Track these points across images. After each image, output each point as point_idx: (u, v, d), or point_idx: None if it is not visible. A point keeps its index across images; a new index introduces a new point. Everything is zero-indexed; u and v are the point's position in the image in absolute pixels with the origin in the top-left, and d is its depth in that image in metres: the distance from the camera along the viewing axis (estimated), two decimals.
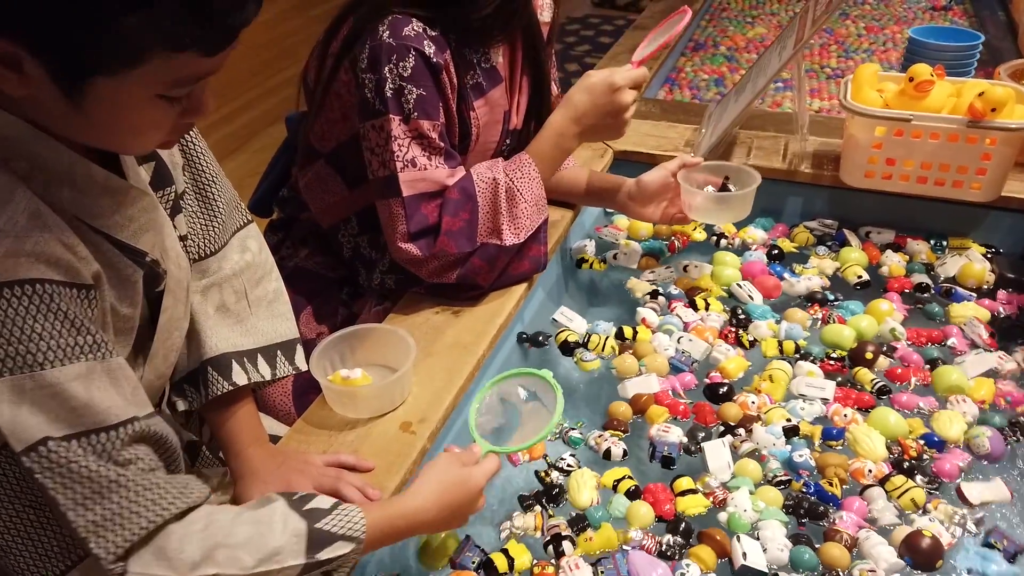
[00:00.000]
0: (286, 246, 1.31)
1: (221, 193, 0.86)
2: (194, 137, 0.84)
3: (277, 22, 3.37)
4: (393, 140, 1.01)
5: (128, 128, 0.60)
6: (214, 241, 0.85)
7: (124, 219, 0.67)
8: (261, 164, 2.24)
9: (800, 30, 1.31)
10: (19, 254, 0.56)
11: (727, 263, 1.26)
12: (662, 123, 1.61)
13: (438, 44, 1.03)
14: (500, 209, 1.07)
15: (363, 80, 1.02)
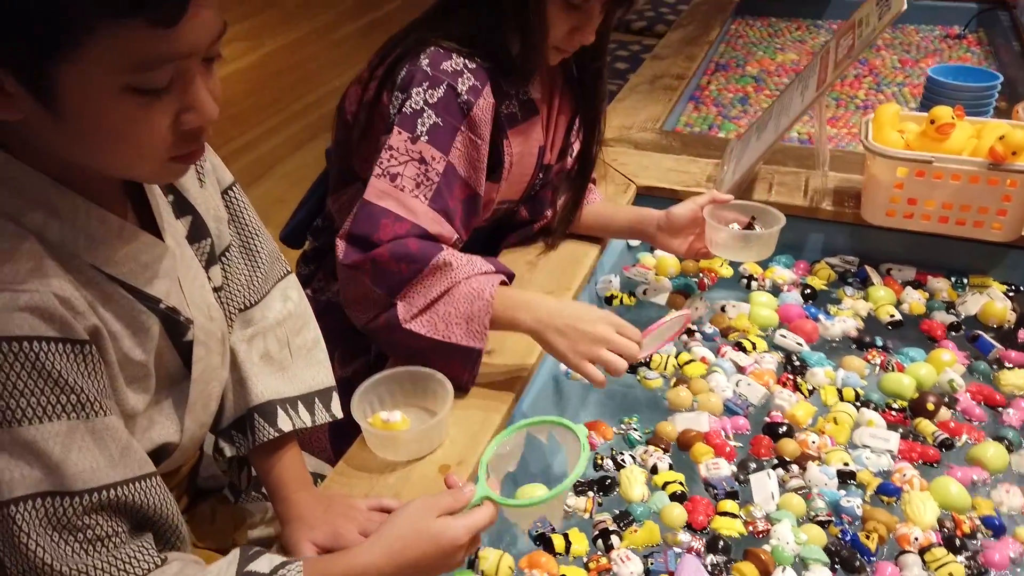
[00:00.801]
0: (318, 278, 1.35)
1: (263, 246, 0.89)
2: (238, 194, 0.87)
3: (297, 47, 3.42)
4: (388, 151, 1.03)
5: (113, 134, 0.58)
6: (257, 292, 0.88)
7: (139, 266, 0.68)
8: (286, 191, 2.30)
9: (822, 71, 1.34)
10: (13, 309, 0.58)
11: (763, 303, 1.28)
12: (683, 157, 1.63)
13: (477, 76, 1.06)
14: (428, 293, 1.00)
15: (393, 98, 1.05)
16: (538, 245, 1.35)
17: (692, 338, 1.23)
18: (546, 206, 1.34)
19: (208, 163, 0.83)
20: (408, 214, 1.01)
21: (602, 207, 1.36)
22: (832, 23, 2.70)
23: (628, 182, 1.55)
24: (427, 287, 1.00)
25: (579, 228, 1.35)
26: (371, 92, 1.12)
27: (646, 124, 1.81)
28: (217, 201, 0.83)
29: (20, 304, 0.58)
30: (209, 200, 0.82)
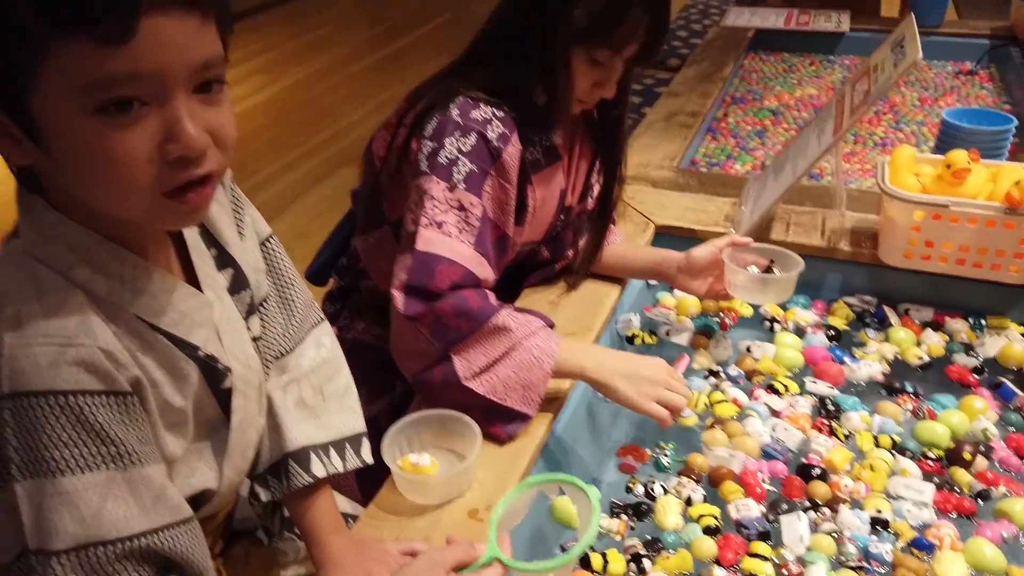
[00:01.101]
0: (343, 317, 1.37)
1: (298, 295, 0.92)
2: (275, 245, 0.90)
3: (314, 81, 3.49)
4: (430, 200, 1.05)
5: (93, 161, 0.58)
6: (292, 339, 0.91)
7: (178, 315, 0.71)
8: (306, 225, 2.34)
9: (838, 116, 1.36)
10: (60, 363, 0.60)
11: (788, 345, 1.29)
12: (701, 196, 1.66)
13: (505, 124, 1.09)
14: (489, 352, 1.02)
15: (422, 145, 1.08)
16: (559, 285, 1.37)
17: (719, 378, 1.25)
18: (567, 247, 1.37)
19: (248, 216, 0.86)
20: (459, 258, 1.03)
21: (622, 248, 1.38)
22: (844, 58, 2.73)
23: (647, 221, 1.57)
24: (486, 347, 1.02)
25: (600, 268, 1.37)
26: (400, 139, 1.16)
27: (663, 162, 1.84)
28: (256, 253, 0.86)
29: (68, 359, 0.61)
30: (248, 253, 0.84)
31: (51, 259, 0.64)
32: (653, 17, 1.07)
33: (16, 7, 0.53)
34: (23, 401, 0.60)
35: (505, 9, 1.12)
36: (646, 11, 1.05)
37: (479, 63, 1.14)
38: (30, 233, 0.65)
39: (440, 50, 3.78)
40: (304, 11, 4.57)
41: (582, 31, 1.06)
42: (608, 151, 1.29)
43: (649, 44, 1.09)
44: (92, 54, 0.54)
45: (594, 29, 1.05)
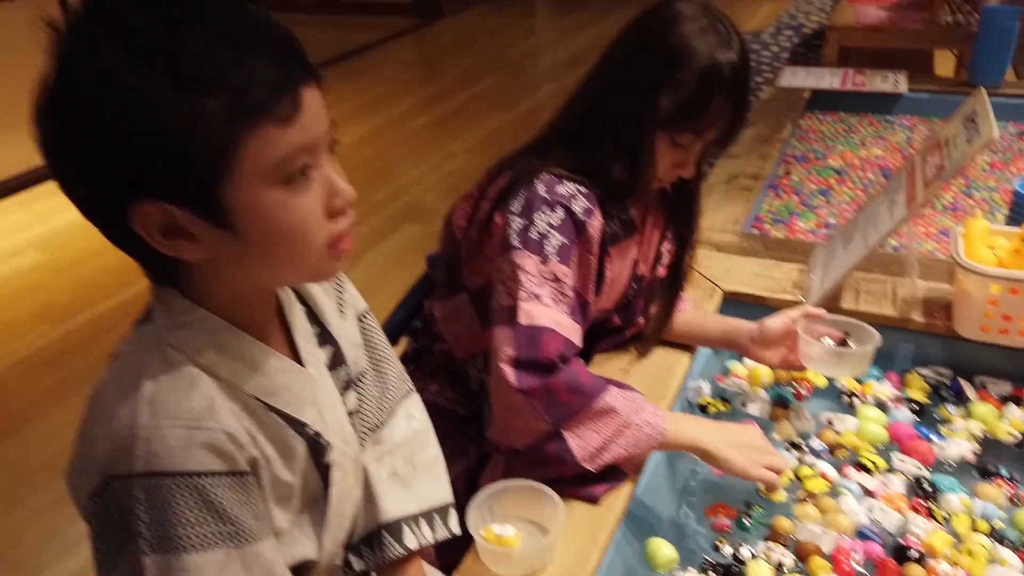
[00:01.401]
0: (416, 378, 1.39)
1: (391, 368, 0.96)
2: (371, 320, 0.94)
3: (373, 139, 3.60)
4: (525, 274, 1.09)
5: (281, 232, 0.65)
6: (386, 412, 0.94)
7: (291, 395, 0.75)
8: (371, 282, 2.40)
9: (910, 187, 1.37)
10: (190, 446, 0.64)
11: (872, 419, 1.28)
12: (767, 261, 1.67)
13: (589, 199, 1.14)
14: (602, 429, 1.05)
15: (511, 220, 1.12)
16: (630, 352, 1.38)
17: (802, 451, 1.24)
18: (638, 314, 1.39)
19: (348, 294, 0.90)
20: (560, 328, 1.06)
21: (693, 316, 1.40)
22: (904, 118, 2.74)
23: (713, 287, 1.58)
24: (598, 425, 1.05)
25: (670, 336, 1.39)
26: (482, 212, 1.20)
27: (726, 225, 1.86)
28: (354, 328, 0.90)
29: (196, 441, 0.65)
30: (348, 329, 0.88)
31: (182, 344, 0.68)
32: (736, 104, 1.10)
33: (207, 116, 0.58)
34: (155, 480, 0.64)
35: (589, 92, 1.17)
36: (730, 98, 1.09)
37: (561, 142, 1.18)
38: (163, 320, 0.69)
39: (493, 108, 3.88)
40: (361, 70, 4.73)
41: (668, 117, 1.10)
42: (680, 222, 1.32)
43: (731, 128, 1.13)
44: (274, 135, 0.61)
45: (680, 116, 1.09)
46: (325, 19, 5.97)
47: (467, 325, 1.28)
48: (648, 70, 1.10)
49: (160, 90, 0.57)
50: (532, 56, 4.91)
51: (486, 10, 6.24)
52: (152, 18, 0.58)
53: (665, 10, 1.12)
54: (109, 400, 0.67)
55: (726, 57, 1.09)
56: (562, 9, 6.30)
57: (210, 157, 0.60)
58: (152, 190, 0.61)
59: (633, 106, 1.10)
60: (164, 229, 0.63)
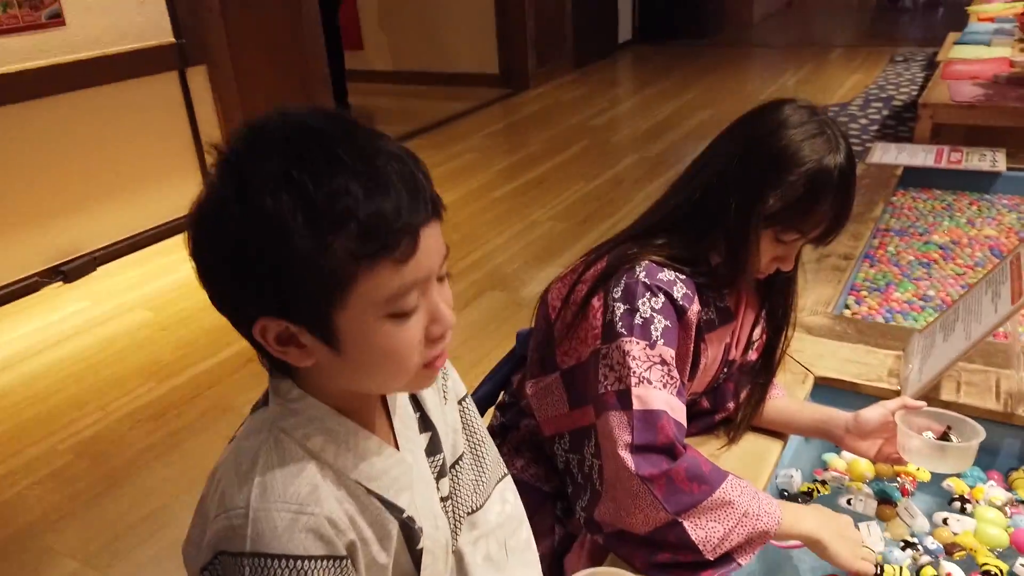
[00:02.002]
0: (503, 452, 1.41)
1: (488, 452, 0.98)
2: (469, 404, 0.97)
3: (460, 206, 3.71)
4: (634, 359, 1.10)
5: (383, 354, 0.70)
6: (482, 495, 0.96)
7: (389, 480, 0.78)
8: (457, 348, 2.45)
9: (1015, 281, 1.33)
10: (294, 530, 0.68)
11: (991, 521, 1.22)
12: (860, 347, 1.63)
13: (688, 286, 1.16)
14: (722, 520, 1.05)
15: (614, 307, 1.14)
16: (719, 437, 1.37)
17: (918, 551, 1.19)
18: (728, 398, 1.38)
19: (450, 380, 0.94)
20: (672, 411, 1.08)
21: (785, 404, 1.38)
22: (1002, 197, 2.66)
23: (806, 372, 1.56)
24: (719, 516, 1.05)
25: (761, 422, 1.37)
26: (579, 294, 1.23)
27: (816, 307, 1.83)
28: (455, 415, 0.93)
29: (300, 526, 0.69)
30: (448, 415, 0.92)
31: (292, 429, 0.74)
32: (842, 205, 1.12)
33: (332, 250, 0.64)
34: (261, 560, 0.68)
35: (694, 184, 1.20)
36: (835, 201, 1.11)
37: (662, 231, 1.21)
38: (276, 407, 0.75)
39: (575, 177, 3.95)
40: (449, 138, 4.90)
41: (774, 216, 1.12)
42: (775, 308, 1.32)
43: (833, 227, 1.14)
44: (389, 272, 0.66)
45: (786, 216, 1.12)
46: (415, 88, 6.24)
47: (556, 404, 1.30)
48: (758, 170, 1.13)
49: (294, 223, 0.63)
50: (614, 126, 5.00)
51: (571, 80, 6.40)
52: (294, 159, 0.64)
53: (775, 112, 1.15)
54: (225, 480, 0.72)
55: (835, 161, 1.11)
56: (645, 80, 6.41)
57: (329, 286, 0.66)
58: (274, 308, 0.67)
59: (740, 203, 1.13)
60: (279, 338, 0.69)
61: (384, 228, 0.64)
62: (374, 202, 0.64)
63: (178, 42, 3.33)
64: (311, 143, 0.66)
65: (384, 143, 0.68)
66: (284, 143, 0.66)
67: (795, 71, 6.10)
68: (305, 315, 0.68)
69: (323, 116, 0.68)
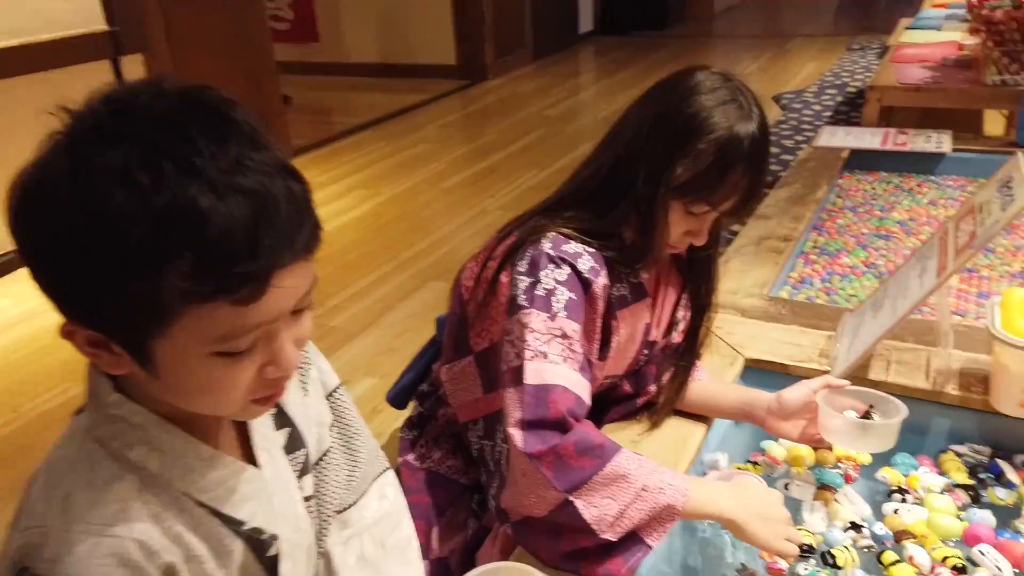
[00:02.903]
0: (420, 445, 1.36)
1: (363, 445, 0.91)
2: (342, 395, 0.90)
3: (411, 195, 3.64)
4: (531, 332, 1.05)
5: (201, 388, 0.63)
6: (355, 491, 0.90)
7: (225, 491, 0.71)
8: (393, 340, 2.39)
9: (942, 256, 1.30)
10: (94, 555, 0.61)
11: (942, 509, 1.18)
12: (793, 327, 1.60)
13: (595, 259, 1.11)
14: (618, 495, 0.99)
15: (517, 280, 1.09)
16: (642, 422, 1.32)
17: (860, 534, 1.15)
18: (650, 381, 1.33)
19: (314, 370, 0.86)
20: (569, 384, 1.02)
21: (709, 386, 1.33)
22: (947, 178, 2.65)
23: (735, 354, 1.52)
24: (614, 492, 0.98)
25: (684, 405, 1.33)
26: (489, 271, 1.17)
27: (752, 289, 1.80)
28: (320, 407, 0.86)
29: (102, 551, 0.62)
30: (311, 408, 0.85)
31: (109, 439, 0.66)
32: (754, 176, 1.07)
33: (158, 281, 0.55)
34: None
35: (604, 155, 1.15)
36: (748, 171, 1.06)
37: (572, 203, 1.16)
38: (92, 413, 0.68)
39: (530, 165, 3.90)
40: (403, 129, 4.82)
41: (683, 186, 1.07)
42: (696, 288, 1.27)
43: (746, 200, 1.10)
44: (227, 312, 0.58)
45: (696, 186, 1.07)
46: (376, 81, 6.15)
47: (471, 388, 1.25)
48: (667, 138, 1.08)
49: (120, 233, 0.54)
50: (571, 116, 4.95)
51: (531, 71, 6.34)
52: (143, 154, 0.54)
53: (686, 79, 1.10)
54: (35, 491, 0.65)
55: (746, 130, 1.06)
56: (605, 71, 6.37)
57: (149, 314, 0.57)
58: (84, 316, 0.59)
59: (649, 172, 1.08)
60: (90, 340, 0.61)
61: (225, 267, 0.55)
62: (224, 228, 0.55)
63: (111, 30, 3.21)
64: (170, 137, 0.55)
65: (265, 155, 0.58)
66: (139, 128, 0.56)
67: (753, 60, 6.10)
68: (118, 333, 0.60)
69: (199, 105, 0.59)
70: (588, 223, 1.13)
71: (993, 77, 2.92)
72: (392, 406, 1.50)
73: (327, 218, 3.77)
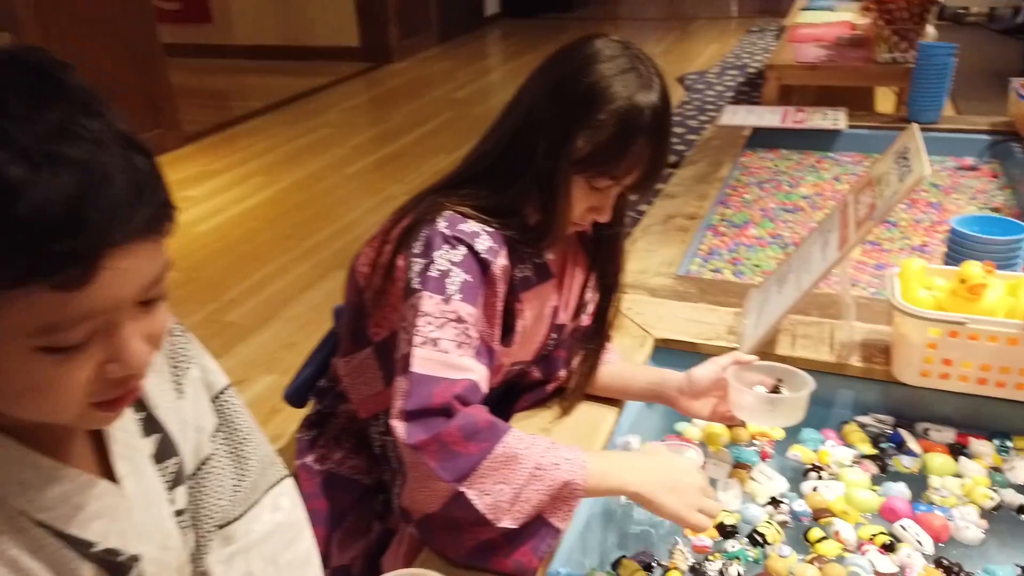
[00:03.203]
0: (319, 445, 1.27)
1: (254, 452, 0.82)
2: (230, 397, 0.81)
3: (311, 182, 3.49)
4: (423, 317, 0.98)
5: (26, 390, 0.55)
6: (242, 503, 0.80)
7: (70, 508, 0.62)
8: (295, 334, 2.27)
9: (843, 228, 1.30)
10: None
11: (858, 483, 1.17)
12: (701, 306, 1.58)
13: (494, 238, 1.04)
14: (510, 479, 0.93)
15: (412, 263, 1.02)
16: (552, 409, 1.28)
17: (777, 509, 1.15)
18: (560, 366, 1.28)
19: (195, 369, 0.77)
20: (459, 373, 0.96)
21: (620, 368, 1.30)
22: (844, 154, 2.72)
23: (645, 334, 1.49)
24: (506, 476, 0.92)
25: (595, 389, 1.29)
26: (385, 256, 1.10)
27: (660, 268, 1.78)
28: (199, 411, 0.77)
29: None
30: (187, 412, 0.75)
31: None
32: (656, 148, 1.03)
33: None
34: None
35: (502, 133, 1.08)
36: (649, 143, 1.02)
37: (470, 181, 1.09)
38: None
39: (438, 150, 3.81)
40: (305, 113, 4.64)
41: (584, 160, 1.02)
42: (603, 268, 1.23)
43: (649, 173, 1.05)
44: (46, 299, 0.50)
45: (597, 159, 1.02)
46: (276, 64, 5.90)
47: (371, 382, 1.17)
48: (565, 109, 1.02)
49: None
50: (478, 99, 4.88)
51: (436, 54, 6.23)
52: None
53: (583, 47, 1.05)
54: None
55: (647, 100, 1.01)
56: (512, 53, 6.32)
57: None
58: None
59: (549, 146, 1.02)
60: None
61: (39, 245, 0.48)
62: (38, 202, 0.47)
63: None
64: None
65: (99, 123, 0.51)
66: None
67: (658, 42, 6.17)
68: None
69: (20, 66, 0.51)
70: (486, 200, 1.07)
71: (884, 55, 3.02)
72: (290, 405, 1.41)
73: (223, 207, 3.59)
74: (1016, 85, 2.50)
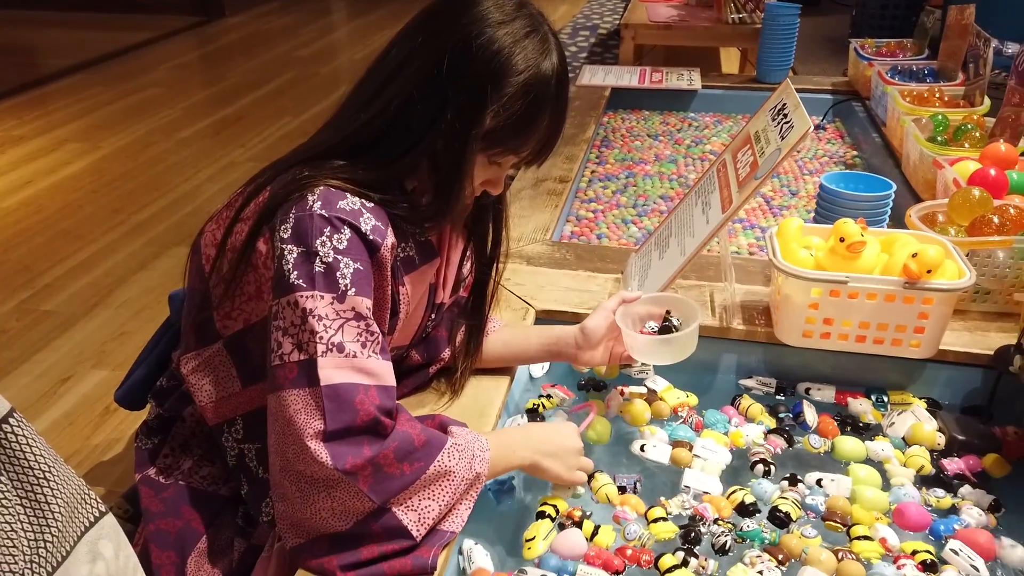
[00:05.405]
0: (164, 455, 1.10)
1: (57, 492, 0.64)
2: (16, 427, 0.63)
3: (139, 149, 3.13)
4: (317, 319, 0.86)
5: None
6: (50, 557, 0.63)
7: None
8: (126, 322, 2.01)
9: (724, 189, 1.26)
10: None
11: (865, 480, 1.12)
12: (581, 273, 1.52)
13: (377, 216, 0.92)
14: (438, 496, 0.90)
15: (283, 251, 0.87)
16: (437, 389, 1.17)
17: (793, 487, 1.10)
18: (442, 347, 1.18)
19: None
20: (372, 379, 0.88)
21: (510, 334, 1.22)
22: (702, 115, 2.74)
23: (526, 306, 1.41)
24: (433, 495, 0.89)
25: (486, 361, 1.20)
26: (238, 237, 0.94)
27: (535, 235, 1.70)
28: None
29: None
30: None
31: None
32: (557, 117, 0.95)
33: None
34: None
35: (385, 102, 0.93)
36: (555, 111, 0.94)
37: (345, 153, 0.94)
38: None
39: (282, 112, 3.53)
40: (127, 72, 4.17)
41: (489, 136, 0.91)
42: (482, 239, 1.13)
43: (549, 142, 0.97)
44: None
45: (503, 134, 0.92)
46: (89, 17, 5.28)
47: (224, 382, 1.01)
48: (469, 83, 0.89)
49: None
50: (325, 57, 4.58)
51: (276, 8, 5.81)
52: None
53: (472, 5, 0.92)
54: None
55: (550, 65, 0.92)
56: (360, 9, 6.00)
57: None
58: None
59: (453, 123, 0.90)
60: None
61: None
62: None
63: None
64: None
65: None
66: None
67: None
68: None
69: None
70: (365, 173, 0.93)
71: (732, 15, 3.07)
72: (124, 408, 1.21)
73: (32, 177, 3.17)
74: (856, 45, 2.60)
